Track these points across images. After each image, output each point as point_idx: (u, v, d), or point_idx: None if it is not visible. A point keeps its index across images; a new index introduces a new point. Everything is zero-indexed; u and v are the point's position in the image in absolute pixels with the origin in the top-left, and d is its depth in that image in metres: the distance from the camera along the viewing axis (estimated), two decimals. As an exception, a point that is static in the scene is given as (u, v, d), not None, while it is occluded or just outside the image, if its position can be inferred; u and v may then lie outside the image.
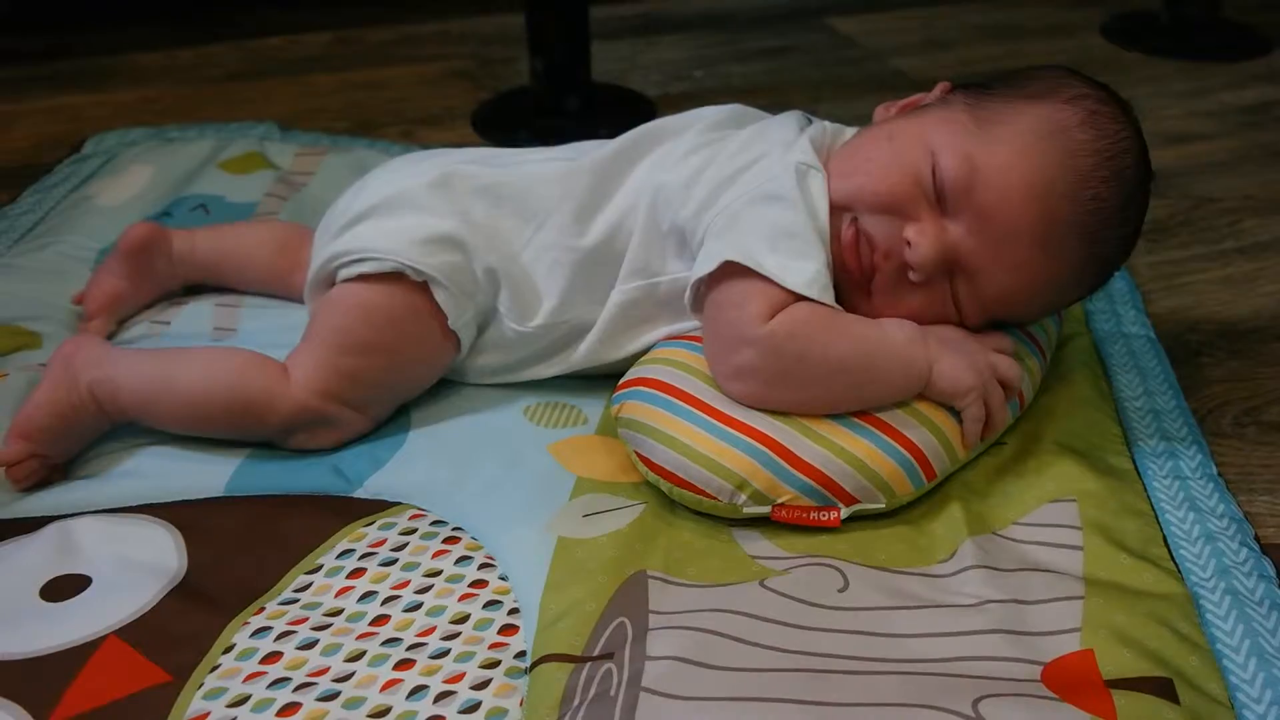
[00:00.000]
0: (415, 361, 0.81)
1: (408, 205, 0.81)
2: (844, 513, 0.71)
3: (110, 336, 0.91)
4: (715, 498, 0.71)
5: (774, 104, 0.88)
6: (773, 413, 0.72)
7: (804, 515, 0.70)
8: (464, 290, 0.80)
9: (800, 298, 0.70)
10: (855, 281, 0.74)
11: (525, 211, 0.81)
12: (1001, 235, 0.70)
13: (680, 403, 0.73)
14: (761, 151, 0.78)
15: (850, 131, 0.81)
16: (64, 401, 0.76)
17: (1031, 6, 1.96)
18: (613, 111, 1.50)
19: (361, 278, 0.79)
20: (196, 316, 0.95)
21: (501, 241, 0.81)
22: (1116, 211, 0.72)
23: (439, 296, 0.79)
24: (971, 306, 0.74)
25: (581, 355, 0.82)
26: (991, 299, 0.73)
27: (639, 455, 0.74)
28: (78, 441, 0.78)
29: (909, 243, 0.71)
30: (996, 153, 0.70)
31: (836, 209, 0.74)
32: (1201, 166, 1.34)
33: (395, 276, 0.79)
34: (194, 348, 0.83)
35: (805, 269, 0.71)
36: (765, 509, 0.70)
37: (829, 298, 0.71)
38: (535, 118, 1.46)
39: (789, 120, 0.81)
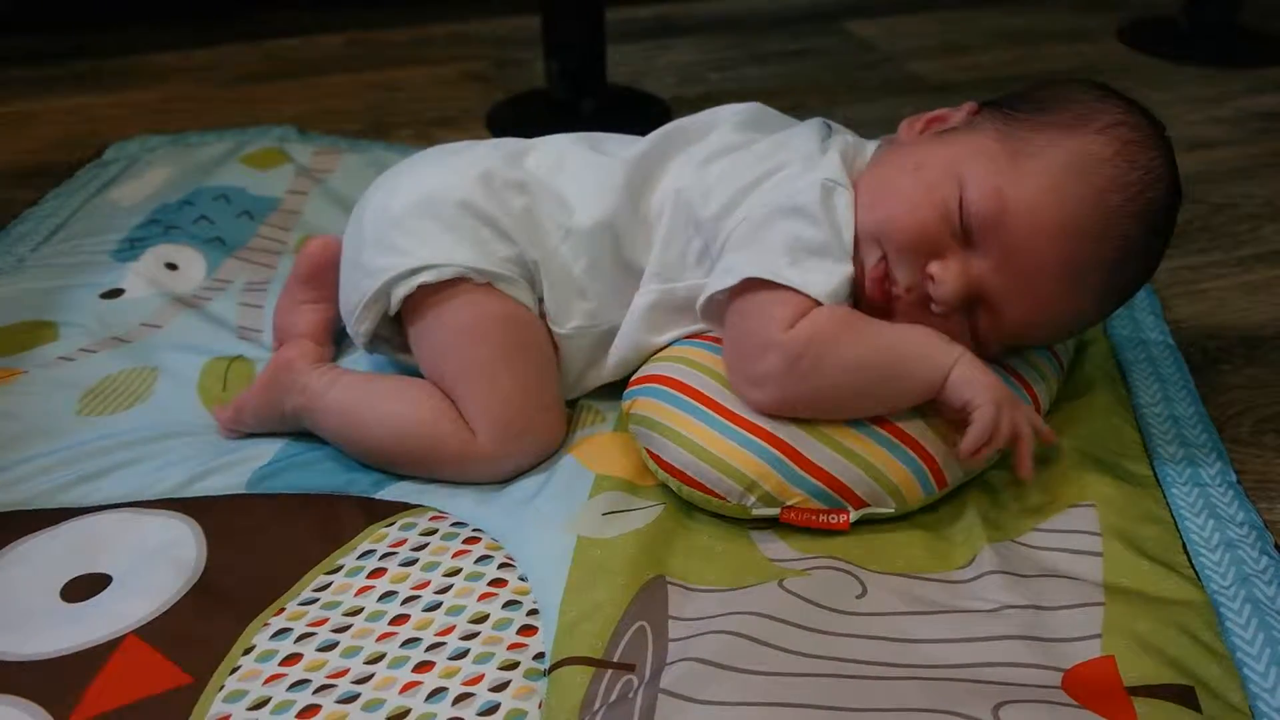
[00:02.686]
0: (541, 343, 0.79)
1: (450, 202, 0.78)
2: (853, 516, 0.71)
3: (330, 360, 0.88)
4: (724, 498, 0.71)
5: (790, 107, 0.88)
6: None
7: (813, 518, 0.71)
8: (528, 279, 0.79)
9: (812, 301, 0.70)
10: (875, 307, 0.74)
11: (561, 208, 0.80)
12: (1027, 272, 0.70)
13: (693, 401, 0.73)
14: (784, 160, 0.77)
15: (872, 146, 0.80)
16: (272, 408, 0.81)
17: (1049, 11, 1.96)
18: (628, 114, 1.50)
19: (427, 301, 0.77)
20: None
21: (541, 234, 0.79)
22: (1143, 243, 0.71)
23: (508, 290, 0.78)
24: (991, 334, 0.73)
25: (611, 358, 0.81)
26: (1012, 328, 0.73)
27: (650, 453, 0.74)
28: (278, 429, 0.82)
29: (933, 278, 0.71)
30: (1027, 188, 0.69)
31: (862, 237, 0.73)
32: (1220, 173, 1.33)
33: (458, 283, 0.77)
34: (389, 382, 0.81)
35: (827, 281, 0.71)
36: (774, 510, 0.71)
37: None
38: (550, 120, 1.46)
39: (811, 130, 0.80)
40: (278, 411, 0.81)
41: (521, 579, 0.69)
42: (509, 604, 0.67)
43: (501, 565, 0.70)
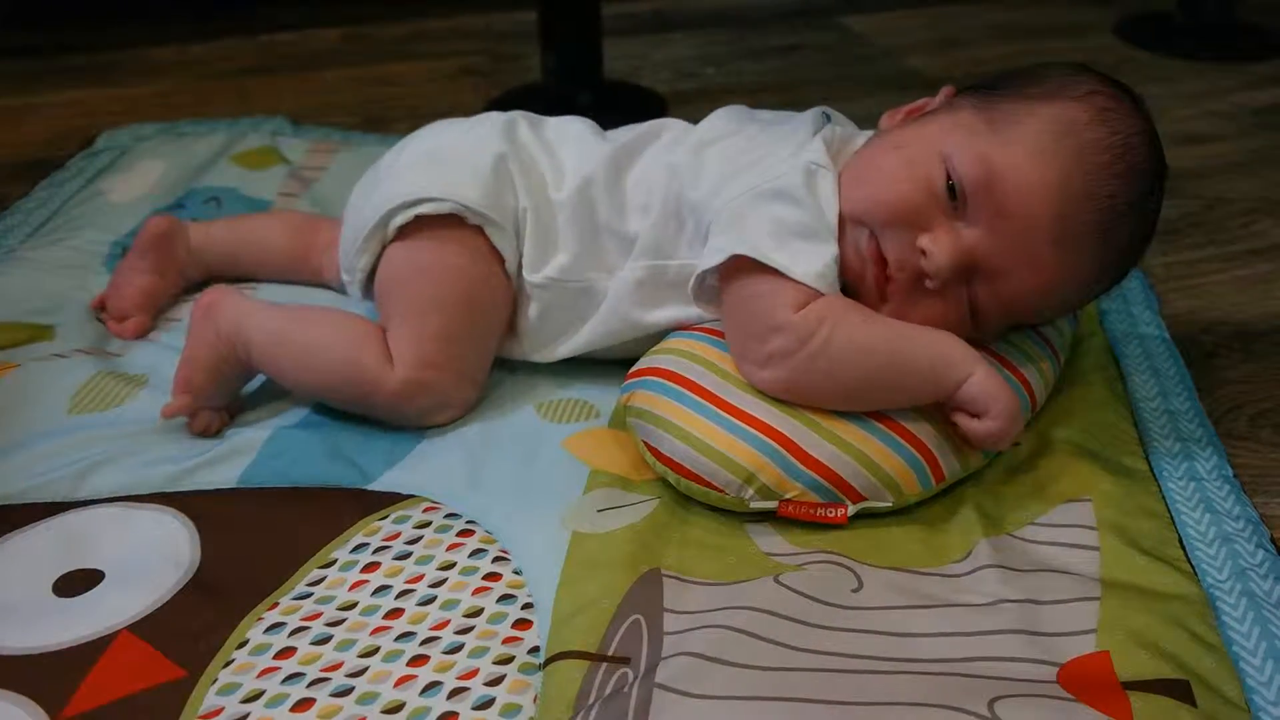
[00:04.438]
0: (490, 305, 0.83)
1: (468, 147, 0.84)
2: (851, 510, 0.71)
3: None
4: (723, 491, 0.71)
5: (786, 102, 0.88)
6: (784, 408, 0.72)
7: (811, 511, 0.70)
8: (515, 229, 0.82)
9: (816, 291, 0.71)
10: (871, 290, 0.74)
11: (555, 170, 0.84)
12: (1020, 235, 0.70)
13: (690, 394, 0.73)
14: (773, 147, 0.78)
15: (864, 136, 0.81)
16: (210, 354, 0.79)
17: (1045, 6, 1.96)
18: (624, 108, 1.50)
19: (415, 234, 0.81)
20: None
21: (533, 188, 0.83)
22: (1132, 207, 0.71)
23: (494, 238, 0.81)
24: (990, 308, 0.73)
25: (595, 328, 0.83)
26: (1010, 299, 0.73)
27: (647, 445, 0.74)
28: (234, 387, 0.82)
29: (923, 252, 0.71)
30: (1011, 153, 0.70)
31: (848, 220, 0.73)
32: (1215, 167, 1.33)
33: (450, 222, 0.80)
34: (324, 309, 0.84)
35: (812, 263, 0.71)
36: (772, 504, 0.70)
37: (834, 292, 0.72)
38: (547, 113, 1.46)
39: (806, 119, 0.81)
40: (219, 356, 0.79)
41: (516, 573, 0.68)
42: (504, 598, 0.66)
43: (496, 559, 0.69)
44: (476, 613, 0.65)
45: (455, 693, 0.60)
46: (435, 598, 0.67)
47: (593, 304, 0.83)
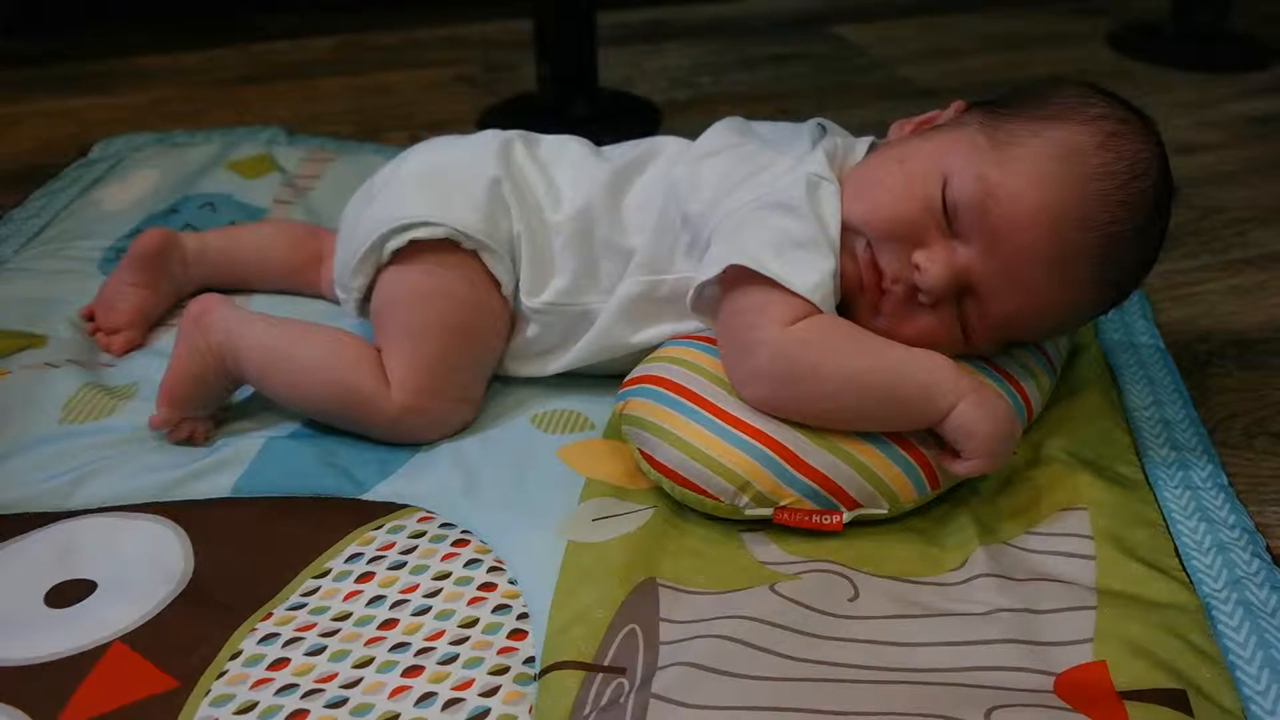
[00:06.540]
0: (487, 331, 0.83)
1: (461, 169, 0.83)
2: (846, 517, 0.71)
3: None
4: (717, 498, 0.70)
5: (780, 111, 0.88)
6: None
7: (806, 518, 0.70)
8: (510, 254, 0.82)
9: (811, 305, 0.70)
10: (866, 301, 0.74)
11: (550, 191, 0.84)
12: (1013, 258, 0.70)
13: (686, 402, 0.73)
14: (773, 158, 0.78)
15: (863, 144, 0.81)
16: (197, 364, 0.79)
17: (1038, 16, 1.96)
18: (619, 118, 1.50)
19: (410, 258, 0.80)
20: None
21: (528, 211, 0.82)
22: (1132, 236, 0.71)
23: (489, 262, 0.81)
24: (983, 326, 0.73)
25: (585, 346, 0.83)
26: (1004, 319, 0.73)
27: (643, 453, 0.74)
28: (220, 397, 0.82)
29: (918, 267, 0.71)
30: (1011, 175, 0.69)
31: (848, 230, 0.73)
32: (1209, 177, 1.34)
33: (445, 247, 0.80)
34: (318, 327, 0.84)
35: (810, 276, 0.71)
36: (767, 511, 0.70)
37: (830, 306, 0.71)
38: (542, 123, 1.46)
39: (803, 131, 0.82)
40: (206, 366, 0.79)
41: (511, 582, 0.68)
42: (499, 608, 0.66)
43: (491, 569, 0.69)
44: (471, 623, 0.65)
45: (450, 704, 0.60)
46: (430, 608, 0.66)
47: (590, 326, 0.82)
